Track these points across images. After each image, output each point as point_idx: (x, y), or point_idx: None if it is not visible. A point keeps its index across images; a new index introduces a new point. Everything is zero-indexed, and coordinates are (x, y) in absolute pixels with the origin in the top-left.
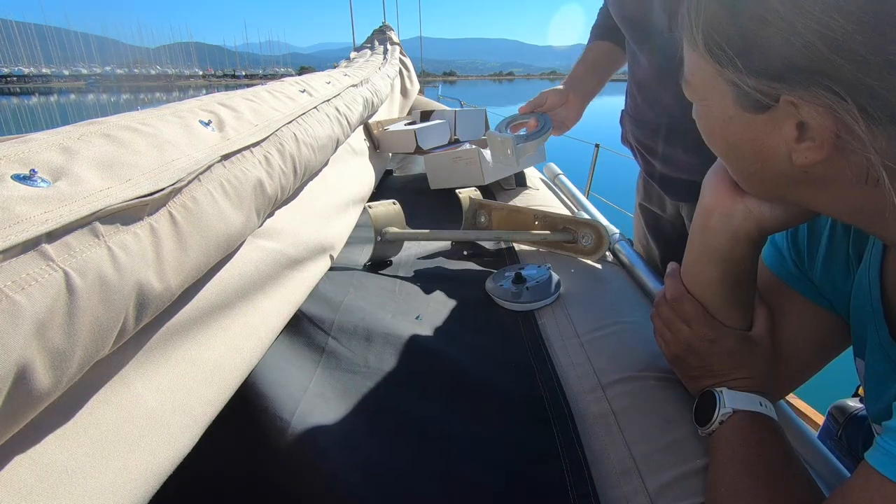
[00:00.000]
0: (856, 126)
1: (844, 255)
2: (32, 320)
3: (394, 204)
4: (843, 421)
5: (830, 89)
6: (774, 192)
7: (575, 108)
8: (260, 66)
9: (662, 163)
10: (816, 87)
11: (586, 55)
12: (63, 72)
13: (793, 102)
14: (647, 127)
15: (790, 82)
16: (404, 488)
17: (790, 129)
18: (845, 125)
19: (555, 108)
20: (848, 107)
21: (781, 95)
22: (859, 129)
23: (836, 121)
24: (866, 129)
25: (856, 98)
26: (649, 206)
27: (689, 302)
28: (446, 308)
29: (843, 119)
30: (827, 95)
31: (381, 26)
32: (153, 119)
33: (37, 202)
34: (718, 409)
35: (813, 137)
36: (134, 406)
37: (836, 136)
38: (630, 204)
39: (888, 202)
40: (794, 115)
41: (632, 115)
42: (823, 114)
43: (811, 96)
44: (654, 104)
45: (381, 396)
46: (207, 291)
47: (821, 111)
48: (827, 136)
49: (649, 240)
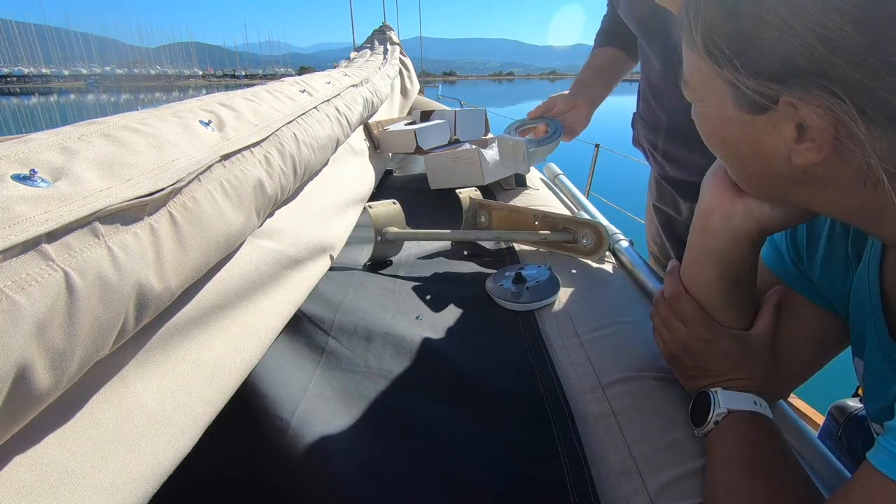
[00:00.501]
0: (855, 127)
1: (843, 254)
2: (32, 320)
3: (394, 204)
4: (843, 421)
5: (829, 90)
6: (774, 192)
7: (583, 114)
8: (260, 67)
9: (675, 165)
10: (815, 88)
11: (592, 61)
12: (63, 72)
13: (792, 103)
14: (661, 130)
15: (789, 83)
16: (404, 488)
17: (789, 129)
18: (844, 126)
19: (563, 114)
20: (847, 108)
21: (780, 96)
22: (858, 131)
23: (835, 122)
24: (865, 130)
25: (854, 99)
26: (663, 208)
27: (686, 301)
28: (446, 308)
29: (842, 120)
30: (826, 96)
31: (381, 26)
32: (153, 119)
33: (37, 202)
34: (713, 409)
35: (812, 138)
36: (134, 406)
37: (836, 137)
38: (630, 203)
39: (888, 203)
40: (793, 116)
41: (644, 117)
42: (822, 115)
43: (810, 97)
44: (667, 107)
45: (380, 396)
46: (207, 291)
47: (820, 112)
48: (826, 137)
49: (664, 239)
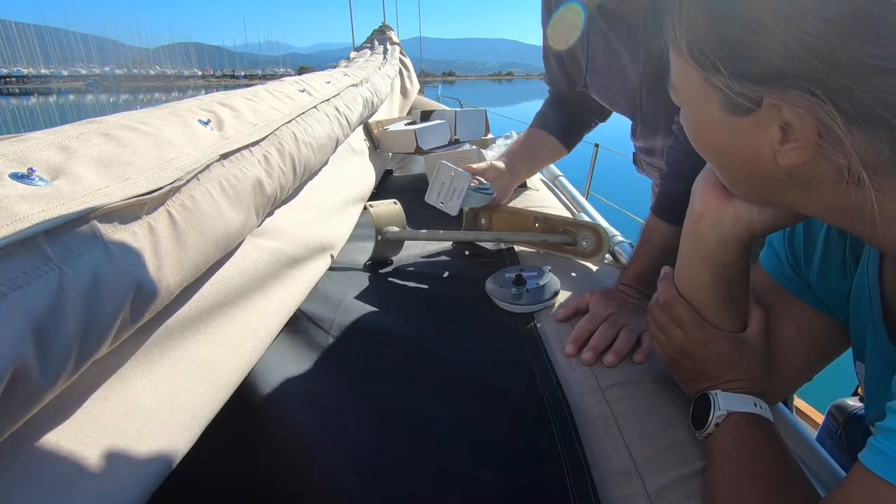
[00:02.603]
0: (835, 127)
1: (840, 258)
2: (28, 319)
3: (394, 203)
4: (842, 420)
5: (810, 91)
6: (763, 195)
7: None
8: (259, 67)
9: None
10: (796, 90)
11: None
12: (62, 72)
13: (775, 105)
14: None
15: (771, 85)
16: (404, 488)
17: (774, 131)
18: (826, 126)
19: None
20: (827, 108)
21: (764, 98)
22: (839, 131)
23: (817, 122)
24: (846, 130)
25: (834, 99)
26: None
27: (680, 305)
28: (446, 308)
29: (824, 120)
30: (806, 97)
31: (380, 26)
32: (152, 118)
33: (34, 200)
34: (713, 411)
35: (796, 139)
36: (133, 405)
37: (819, 136)
38: (630, 204)
39: (869, 202)
40: (776, 117)
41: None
42: (805, 115)
43: (792, 98)
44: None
45: (381, 396)
46: (206, 290)
47: (802, 113)
48: (809, 138)
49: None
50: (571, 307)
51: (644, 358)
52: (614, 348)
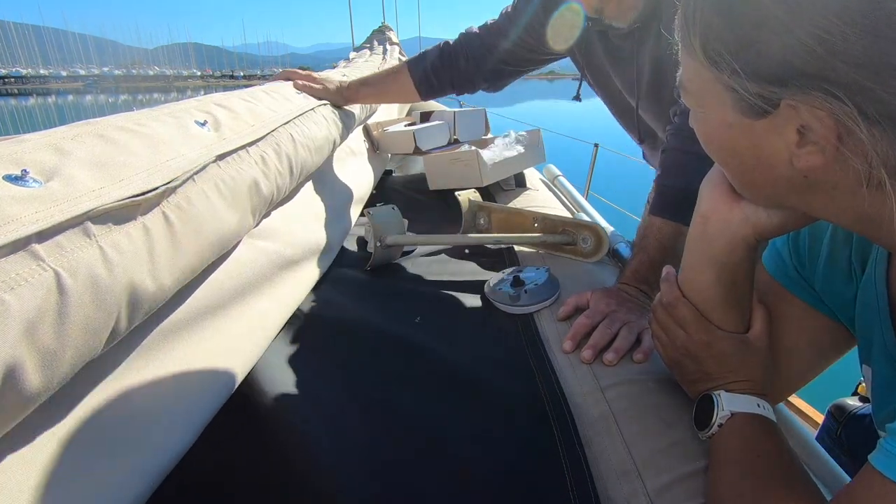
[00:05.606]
0: (857, 129)
1: (846, 261)
2: (22, 320)
3: (393, 209)
4: (842, 419)
5: (830, 93)
6: (773, 197)
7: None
8: (258, 67)
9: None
10: (816, 91)
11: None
12: (61, 73)
13: (793, 106)
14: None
15: (790, 86)
16: (404, 488)
17: (791, 133)
18: (846, 128)
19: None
20: (848, 110)
21: (782, 100)
22: (861, 133)
23: (837, 124)
24: (867, 132)
25: (856, 101)
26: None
27: (684, 306)
28: (446, 309)
29: (844, 122)
30: (827, 99)
31: (380, 26)
32: (148, 119)
33: (28, 202)
34: (717, 412)
35: (815, 141)
36: (129, 406)
37: (838, 139)
38: (630, 203)
39: (890, 206)
40: (794, 119)
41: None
42: (824, 117)
43: (812, 100)
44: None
45: (381, 398)
46: (203, 292)
47: (821, 115)
48: (828, 140)
49: None
50: (571, 304)
51: (644, 357)
52: (614, 346)
